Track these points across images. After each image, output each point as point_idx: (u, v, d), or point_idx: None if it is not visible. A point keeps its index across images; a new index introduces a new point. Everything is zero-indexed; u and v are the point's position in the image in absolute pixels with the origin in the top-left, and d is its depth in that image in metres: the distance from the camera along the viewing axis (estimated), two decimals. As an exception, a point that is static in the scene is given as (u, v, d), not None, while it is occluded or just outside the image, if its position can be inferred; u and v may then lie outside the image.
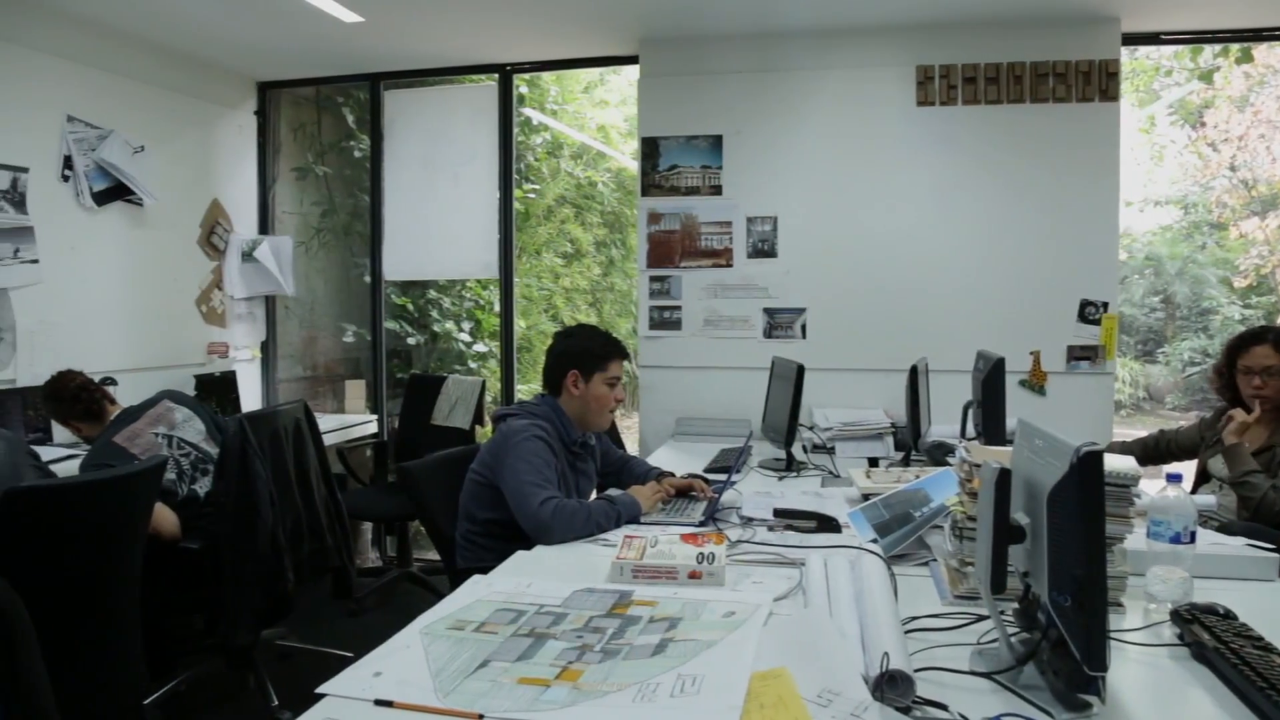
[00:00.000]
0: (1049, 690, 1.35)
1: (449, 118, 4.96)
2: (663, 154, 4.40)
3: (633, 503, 2.47)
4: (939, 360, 3.71)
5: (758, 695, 1.33)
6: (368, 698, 1.37)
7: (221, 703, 3.37)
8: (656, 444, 4.22)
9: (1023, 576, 1.49)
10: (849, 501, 2.62)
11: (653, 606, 1.73)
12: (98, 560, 2.33)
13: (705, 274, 4.38)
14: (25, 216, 3.81)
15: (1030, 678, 1.39)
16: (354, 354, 5.69)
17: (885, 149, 4.19)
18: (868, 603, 1.61)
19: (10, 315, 3.75)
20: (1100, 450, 1.23)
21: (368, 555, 5.19)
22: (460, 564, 2.55)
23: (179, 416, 3.14)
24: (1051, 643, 1.36)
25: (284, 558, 3.07)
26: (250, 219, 5.21)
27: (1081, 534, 1.23)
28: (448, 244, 4.97)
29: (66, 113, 4.02)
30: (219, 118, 4.97)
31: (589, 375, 2.68)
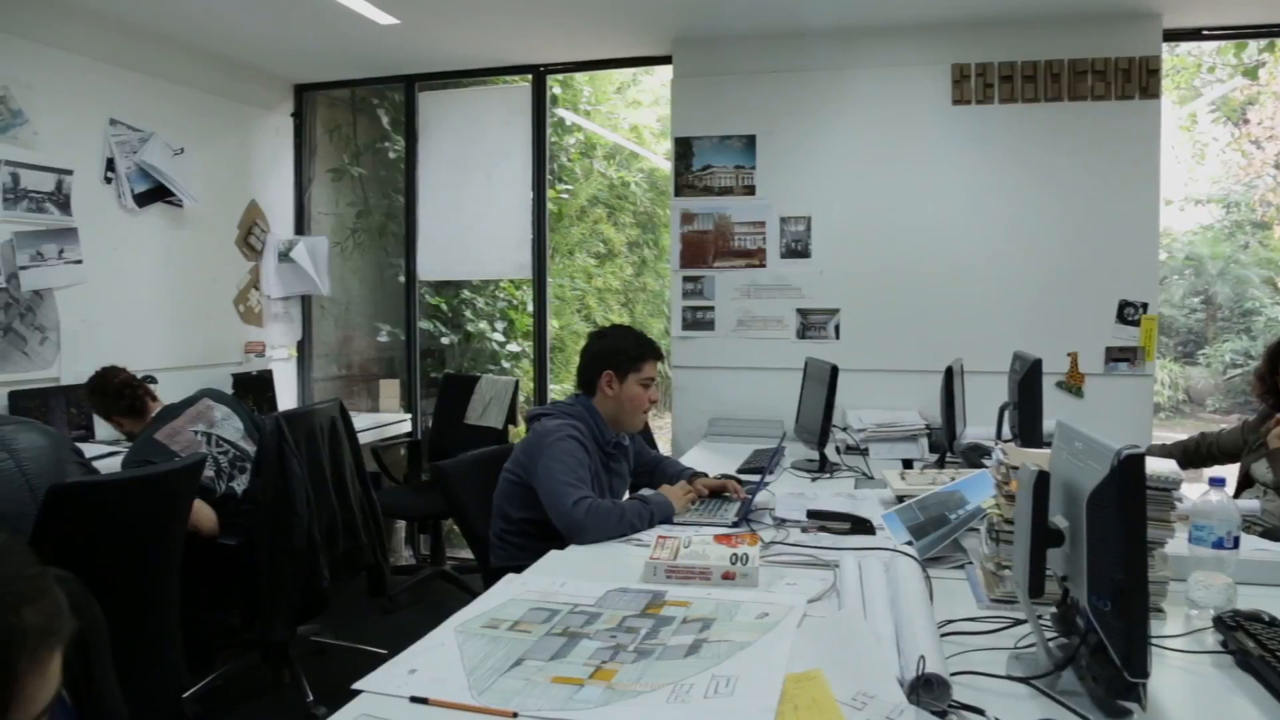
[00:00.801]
0: (1088, 696, 1.33)
1: (483, 119, 4.99)
2: (696, 154, 4.40)
3: (666, 503, 2.47)
4: (974, 361, 3.67)
5: (792, 697, 1.32)
6: (403, 694, 1.38)
7: (258, 697, 3.41)
8: (689, 444, 4.21)
9: (1061, 581, 1.47)
10: (883, 503, 2.61)
11: (686, 607, 1.73)
12: (139, 555, 2.37)
13: (738, 274, 4.37)
14: (69, 218, 3.88)
15: (1069, 683, 1.37)
16: (388, 353, 5.74)
17: (920, 148, 4.15)
18: (903, 605, 1.60)
19: (54, 315, 3.83)
20: (1142, 453, 1.21)
21: (401, 553, 5.23)
22: (494, 563, 2.56)
23: (218, 414, 3.18)
24: (1091, 648, 1.34)
25: (319, 555, 3.10)
26: (287, 220, 5.27)
27: (1122, 538, 1.21)
28: (481, 244, 5.00)
29: (109, 116, 4.09)
30: (256, 120, 5.04)
31: (623, 376, 2.69)
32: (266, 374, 4.90)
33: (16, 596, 0.80)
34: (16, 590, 0.80)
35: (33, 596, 0.81)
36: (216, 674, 3.33)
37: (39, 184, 3.75)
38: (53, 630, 0.83)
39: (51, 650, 0.83)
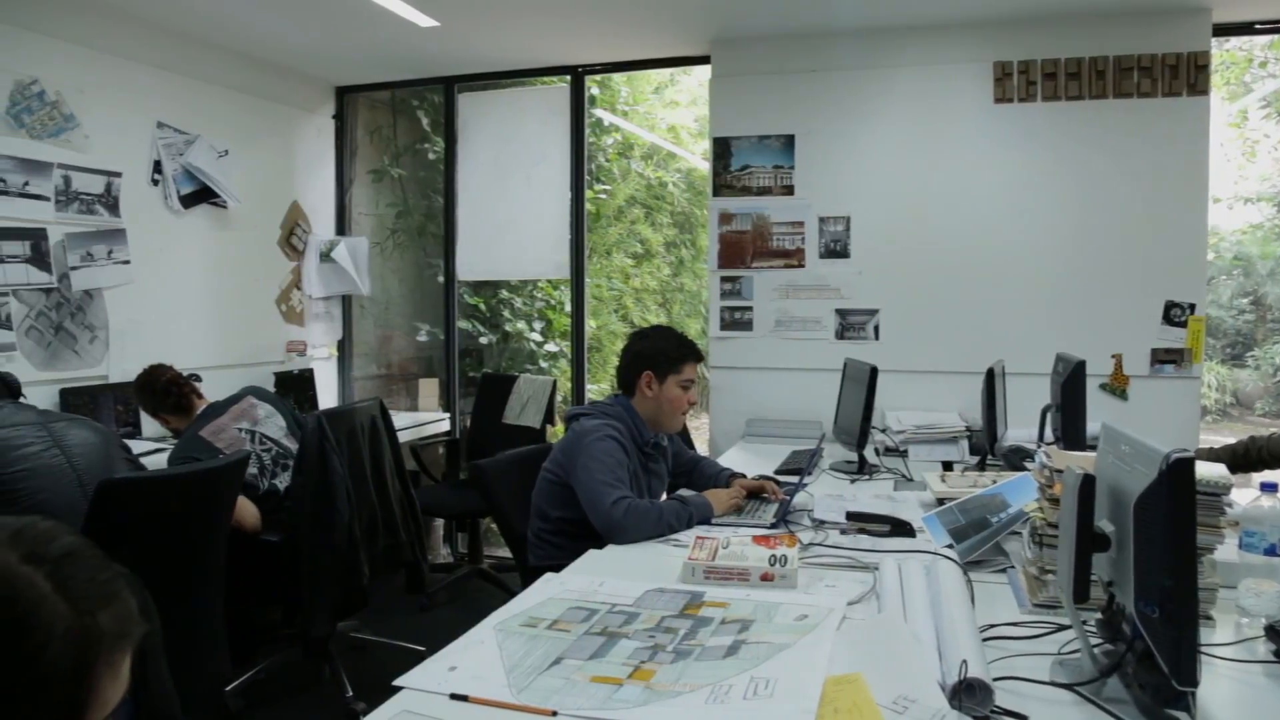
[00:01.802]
0: (1134, 704, 1.31)
1: (521, 119, 5.01)
2: (734, 154, 4.39)
3: (705, 504, 2.47)
4: (1016, 363, 3.63)
5: (832, 700, 1.31)
6: (443, 691, 1.39)
7: (298, 692, 3.45)
8: (727, 445, 4.20)
9: (1106, 586, 1.45)
10: (923, 506, 2.58)
11: (724, 608, 1.72)
12: (185, 550, 2.41)
13: (777, 274, 4.35)
14: (118, 219, 3.96)
15: (1114, 690, 1.35)
16: (427, 353, 5.78)
17: (961, 147, 4.11)
18: (944, 609, 1.58)
19: (103, 314, 3.91)
20: (1191, 457, 1.19)
21: (439, 551, 5.27)
22: (532, 561, 2.58)
23: (261, 412, 3.23)
24: (1137, 655, 1.32)
25: (359, 552, 3.13)
26: (328, 220, 5.33)
27: (1170, 543, 1.19)
28: (520, 244, 5.02)
29: (157, 119, 4.17)
30: (299, 122, 5.10)
31: (663, 377, 2.68)
32: (308, 373, 4.96)
33: (92, 601, 0.81)
34: (92, 594, 0.81)
35: (108, 600, 0.83)
36: (258, 668, 3.38)
37: (89, 186, 3.83)
38: (125, 633, 0.84)
39: (124, 652, 0.84)
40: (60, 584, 0.80)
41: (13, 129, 3.54)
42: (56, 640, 0.78)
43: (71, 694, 0.79)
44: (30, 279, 3.61)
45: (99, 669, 0.81)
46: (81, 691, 0.80)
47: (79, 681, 0.79)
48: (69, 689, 0.79)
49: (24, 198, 3.58)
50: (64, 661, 0.78)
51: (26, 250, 3.59)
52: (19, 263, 3.56)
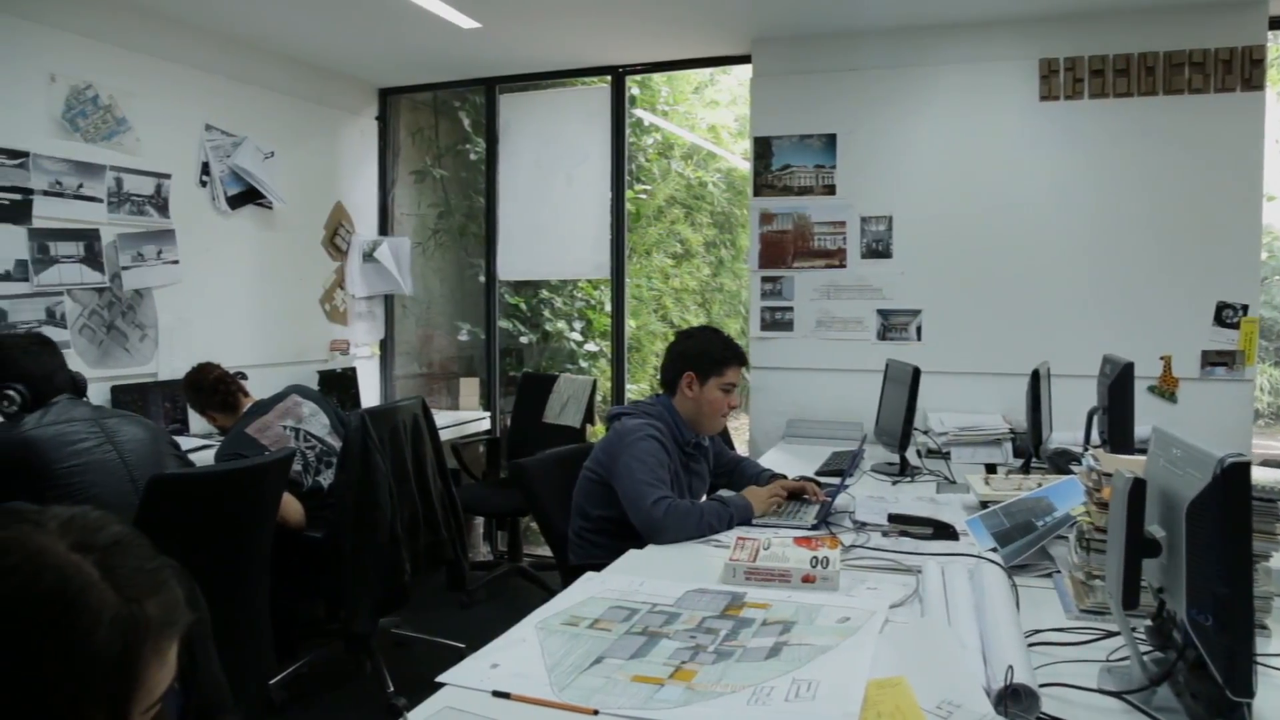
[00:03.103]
0: (1186, 714, 1.28)
1: (562, 120, 5.03)
2: (775, 154, 4.37)
3: (745, 505, 2.46)
4: (1061, 365, 3.57)
5: (875, 703, 1.30)
6: (485, 689, 1.40)
7: (340, 686, 3.50)
8: (767, 446, 4.19)
9: (1157, 592, 1.42)
10: (966, 509, 2.56)
11: (766, 609, 1.72)
12: (231, 545, 2.45)
13: (818, 275, 4.33)
14: (168, 220, 4.04)
15: (1164, 699, 1.33)
16: (468, 352, 5.83)
17: (1006, 146, 4.05)
18: (988, 613, 1.57)
19: (153, 313, 3.99)
20: (1247, 461, 1.17)
21: (479, 549, 5.31)
22: (573, 560, 2.59)
23: (306, 410, 3.27)
24: (1189, 663, 1.30)
25: (401, 549, 3.16)
26: (371, 220, 5.39)
27: (1224, 550, 1.17)
28: (560, 244, 5.04)
29: (205, 121, 4.24)
30: (342, 124, 5.16)
31: (705, 378, 2.67)
32: (351, 371, 5.02)
33: (139, 588, 0.83)
34: (139, 582, 0.83)
35: (154, 588, 0.85)
36: (302, 662, 3.43)
37: (140, 188, 3.91)
38: (172, 621, 0.86)
39: (171, 640, 0.86)
40: (108, 571, 0.82)
41: (68, 133, 3.62)
42: (104, 627, 0.79)
43: (118, 680, 0.80)
44: (84, 279, 3.69)
45: (146, 656, 0.82)
46: (128, 678, 0.81)
47: (126, 667, 0.81)
48: (116, 675, 0.80)
49: (78, 199, 3.66)
50: (111, 648, 0.80)
51: (80, 250, 3.68)
52: (73, 263, 3.65)
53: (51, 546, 0.81)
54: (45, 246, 3.54)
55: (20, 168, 3.45)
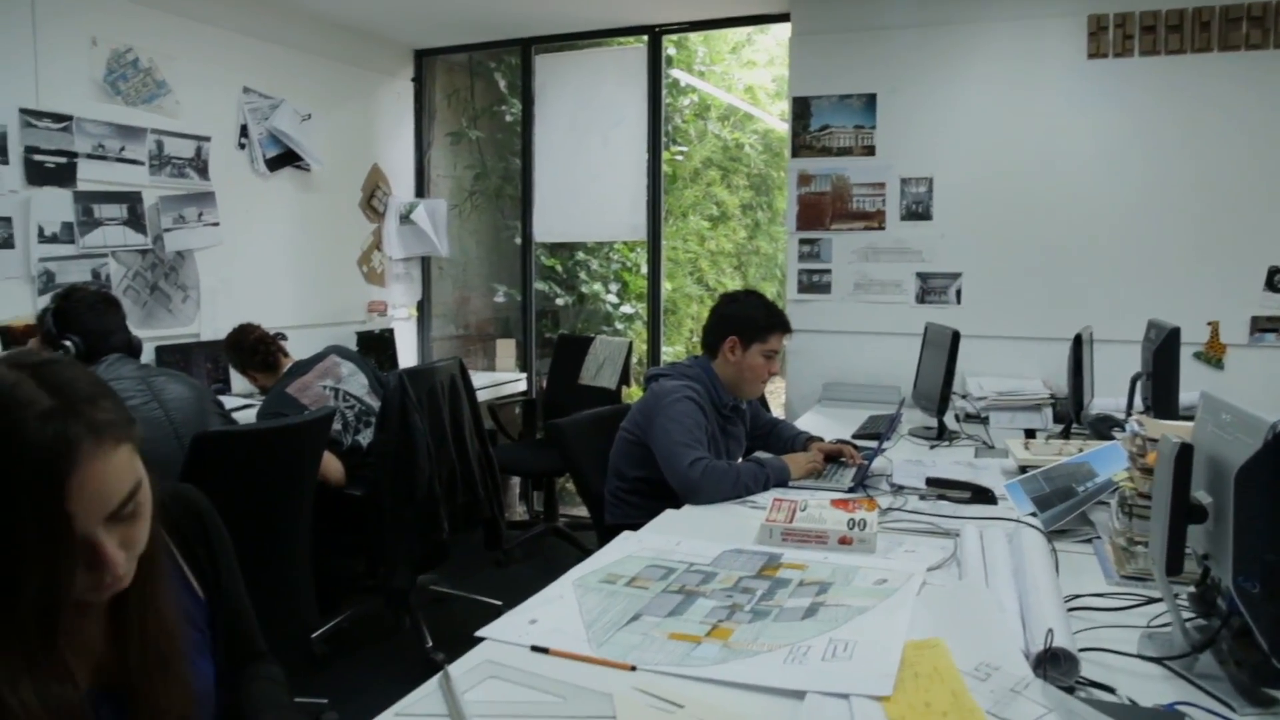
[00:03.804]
0: (1229, 681, 1.27)
1: (598, 80, 4.99)
2: (814, 114, 4.30)
3: (782, 467, 2.46)
4: (1104, 329, 3.52)
5: (912, 664, 1.31)
6: (524, 643, 1.42)
7: (380, 641, 3.57)
8: (803, 409, 4.17)
9: (1201, 559, 1.40)
10: (1005, 473, 2.54)
11: (802, 570, 1.72)
12: (274, 501, 2.50)
13: (856, 237, 4.28)
14: (208, 182, 4.08)
15: (1207, 666, 1.31)
16: (504, 314, 5.85)
17: (1051, 105, 3.95)
18: (1028, 577, 1.56)
19: (195, 274, 4.04)
20: (1300, 426, 1.14)
21: (515, 509, 5.37)
22: (609, 520, 2.61)
23: (345, 370, 3.31)
24: (1234, 631, 1.28)
25: (439, 507, 3.20)
26: (407, 182, 5.40)
27: (1274, 516, 1.15)
28: (596, 206, 5.02)
29: (243, 84, 4.26)
30: (378, 86, 5.16)
31: (748, 344, 2.66)
32: (388, 333, 5.06)
33: (71, 394, 0.92)
34: (72, 390, 0.93)
35: (88, 397, 0.93)
36: (342, 617, 3.50)
37: (181, 150, 3.95)
38: (112, 423, 0.93)
39: (115, 440, 0.93)
40: (41, 380, 0.91)
41: (110, 96, 3.65)
42: (32, 420, 0.88)
43: (50, 464, 0.88)
44: (127, 240, 3.74)
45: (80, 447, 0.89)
46: (59, 464, 0.88)
47: (57, 454, 0.88)
48: (47, 459, 0.88)
49: (121, 162, 3.70)
50: (41, 436, 0.88)
51: (124, 213, 3.72)
52: (117, 225, 3.70)
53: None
54: (90, 209, 3.59)
55: (65, 131, 3.49)
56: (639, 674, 1.32)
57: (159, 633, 1.03)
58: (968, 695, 1.21)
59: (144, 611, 1.02)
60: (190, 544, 1.20)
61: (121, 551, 0.94)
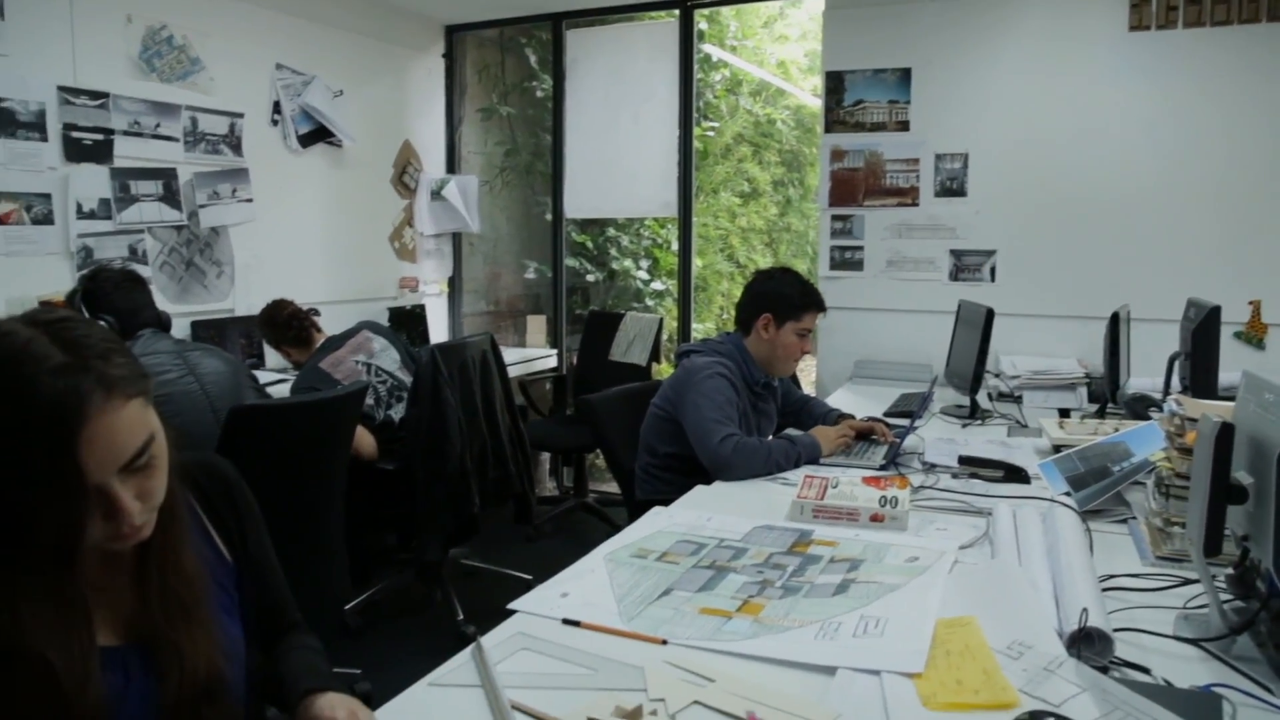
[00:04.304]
0: (1267, 664, 1.26)
1: (630, 56, 4.96)
2: (848, 89, 4.25)
3: (813, 444, 2.45)
4: (1142, 308, 3.46)
5: (944, 642, 1.30)
6: (555, 616, 1.43)
7: (412, 613, 3.61)
8: (834, 386, 4.16)
9: (1240, 540, 1.38)
10: (1038, 452, 2.52)
11: (833, 547, 1.72)
12: (308, 475, 2.52)
13: (889, 213, 4.23)
14: (241, 159, 4.10)
15: (1244, 649, 1.30)
16: (535, 290, 5.86)
17: (1091, 80, 3.87)
18: (1061, 556, 1.54)
19: (229, 250, 4.08)
20: (1346, 406, 1.12)
21: (545, 484, 5.40)
22: (639, 496, 2.61)
23: (377, 346, 3.33)
24: (1273, 614, 1.27)
25: (471, 481, 3.22)
26: (439, 159, 5.41)
27: (1318, 497, 1.13)
28: (627, 182, 5.00)
29: (276, 61, 4.28)
30: (409, 61, 5.16)
31: (781, 321, 2.65)
32: (420, 309, 5.08)
33: (84, 350, 0.94)
34: (85, 345, 0.95)
35: (101, 354, 0.95)
36: (375, 589, 3.55)
37: (214, 127, 3.98)
38: (124, 377, 0.95)
39: (126, 395, 0.95)
40: (54, 337, 0.94)
41: (145, 73, 3.68)
42: (45, 374, 0.90)
43: (61, 416, 0.90)
44: (163, 216, 3.78)
45: (91, 401, 0.91)
46: (71, 416, 0.90)
47: (68, 407, 0.90)
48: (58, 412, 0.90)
49: (156, 139, 3.74)
50: (53, 390, 0.90)
51: (159, 189, 3.76)
52: (153, 201, 3.74)
53: (7, 323, 0.94)
54: (126, 185, 3.63)
55: (101, 108, 3.52)
56: (670, 648, 1.32)
57: (179, 582, 1.07)
58: (1000, 673, 1.21)
59: (164, 561, 1.05)
60: (219, 512, 1.22)
61: (137, 502, 0.97)
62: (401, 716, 1.15)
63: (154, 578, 1.05)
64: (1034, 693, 1.17)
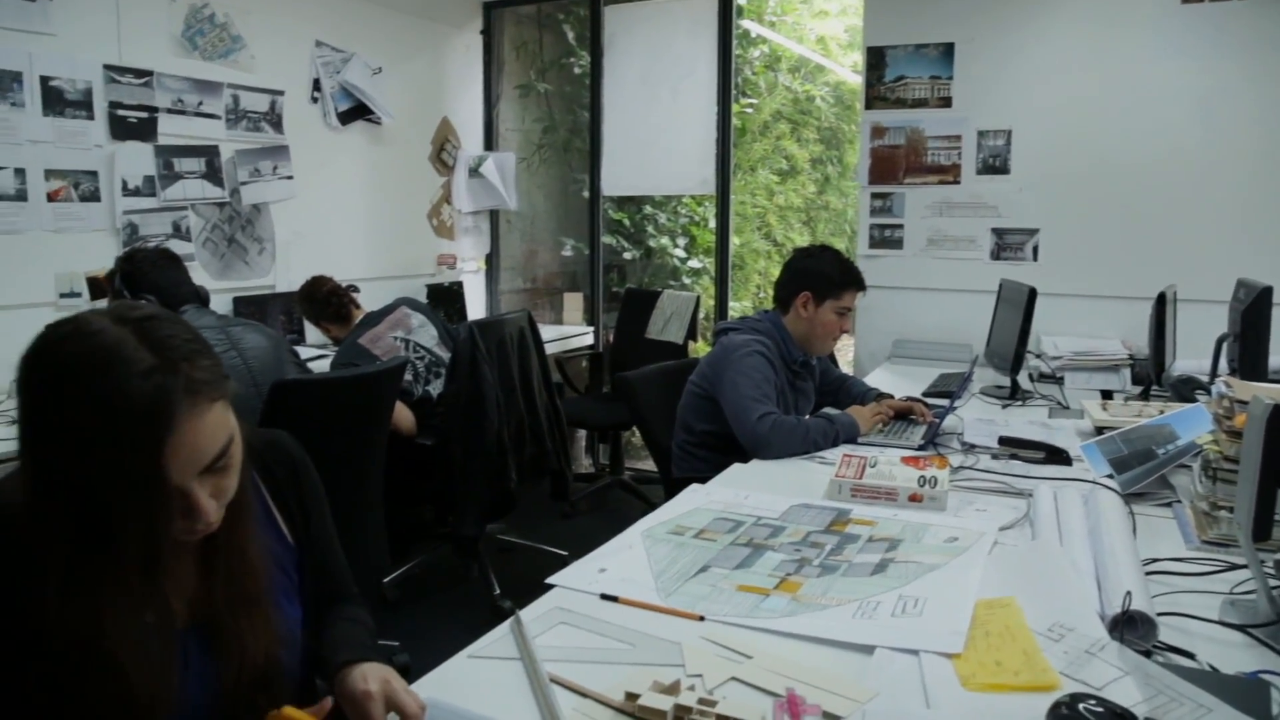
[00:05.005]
0: (1316, 650, 1.24)
1: (668, 31, 4.92)
2: (889, 65, 4.19)
3: (851, 423, 2.44)
4: (1190, 288, 3.39)
5: (983, 623, 1.29)
6: (593, 591, 1.44)
7: (449, 587, 3.65)
8: (872, 366, 4.12)
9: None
10: (1080, 434, 2.48)
11: (872, 526, 1.71)
12: (348, 449, 2.55)
13: (930, 191, 4.18)
14: (282, 136, 4.14)
15: (1293, 635, 1.28)
16: (571, 267, 5.86)
17: (1141, 53, 3.78)
18: (1104, 539, 1.53)
19: (270, 227, 4.12)
20: (1404, 388, 1.09)
21: (581, 462, 5.42)
22: (676, 473, 2.62)
23: (415, 322, 3.35)
24: (1323, 598, 1.24)
25: (508, 457, 3.25)
26: (476, 136, 5.42)
27: (1373, 480, 1.10)
28: (665, 159, 4.98)
29: (315, 38, 4.30)
30: (447, 38, 5.16)
31: (821, 300, 2.63)
32: (457, 285, 5.11)
33: (173, 352, 0.94)
34: (172, 347, 0.95)
35: (188, 355, 0.96)
36: (413, 563, 3.59)
37: (255, 105, 4.01)
38: (208, 381, 0.96)
39: (210, 399, 0.96)
40: (143, 337, 0.94)
41: (187, 51, 3.72)
42: (135, 377, 0.91)
43: (150, 426, 0.91)
44: (206, 193, 3.82)
45: (179, 409, 0.92)
46: (160, 425, 0.91)
47: (158, 416, 0.91)
48: (148, 421, 0.91)
49: (199, 116, 3.78)
50: (143, 395, 0.90)
51: (202, 166, 3.80)
52: (196, 178, 3.78)
53: (96, 319, 0.94)
54: (170, 163, 3.68)
55: (145, 86, 3.56)
56: (707, 624, 1.33)
57: (244, 573, 1.08)
58: (1040, 655, 1.20)
59: (230, 552, 1.07)
60: (282, 490, 1.24)
61: (213, 500, 0.98)
62: (442, 687, 1.17)
63: (220, 568, 1.06)
64: (1075, 675, 1.16)
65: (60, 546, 0.93)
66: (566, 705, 1.11)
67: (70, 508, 0.92)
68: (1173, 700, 1.06)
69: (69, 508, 0.92)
